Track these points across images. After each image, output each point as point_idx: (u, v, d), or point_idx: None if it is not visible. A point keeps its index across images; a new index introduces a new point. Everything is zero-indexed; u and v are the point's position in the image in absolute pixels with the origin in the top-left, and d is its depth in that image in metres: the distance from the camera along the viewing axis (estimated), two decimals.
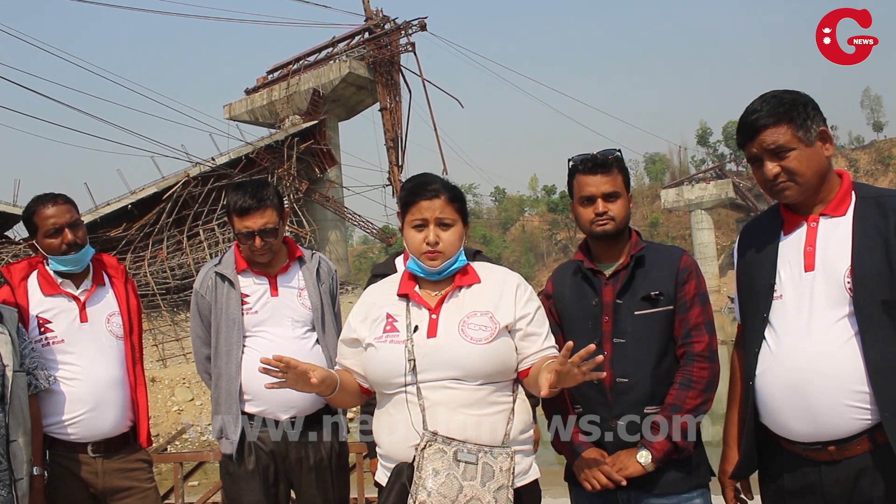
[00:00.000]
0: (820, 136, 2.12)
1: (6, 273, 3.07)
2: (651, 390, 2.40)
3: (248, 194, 2.91)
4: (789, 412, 2.10)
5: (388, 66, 40.40)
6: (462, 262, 2.36)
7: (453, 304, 2.30)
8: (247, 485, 2.94)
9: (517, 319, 2.27)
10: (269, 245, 2.97)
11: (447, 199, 2.30)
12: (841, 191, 2.15)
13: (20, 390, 2.73)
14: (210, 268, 3.09)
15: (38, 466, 2.79)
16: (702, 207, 58.94)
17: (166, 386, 19.22)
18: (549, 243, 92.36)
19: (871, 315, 2.00)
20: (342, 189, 42.06)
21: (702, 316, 2.44)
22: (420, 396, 2.19)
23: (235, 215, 2.94)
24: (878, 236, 2.03)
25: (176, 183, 34.38)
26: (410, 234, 2.33)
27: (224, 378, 2.97)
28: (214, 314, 3.02)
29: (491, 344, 2.20)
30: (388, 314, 2.33)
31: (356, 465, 4.57)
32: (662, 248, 2.59)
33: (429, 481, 2.07)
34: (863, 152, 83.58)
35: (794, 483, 2.15)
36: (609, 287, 2.50)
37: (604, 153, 2.53)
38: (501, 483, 2.08)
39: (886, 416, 1.95)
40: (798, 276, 2.14)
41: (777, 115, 2.11)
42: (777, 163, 2.12)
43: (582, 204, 2.54)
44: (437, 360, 2.20)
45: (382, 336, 2.30)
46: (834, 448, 2.04)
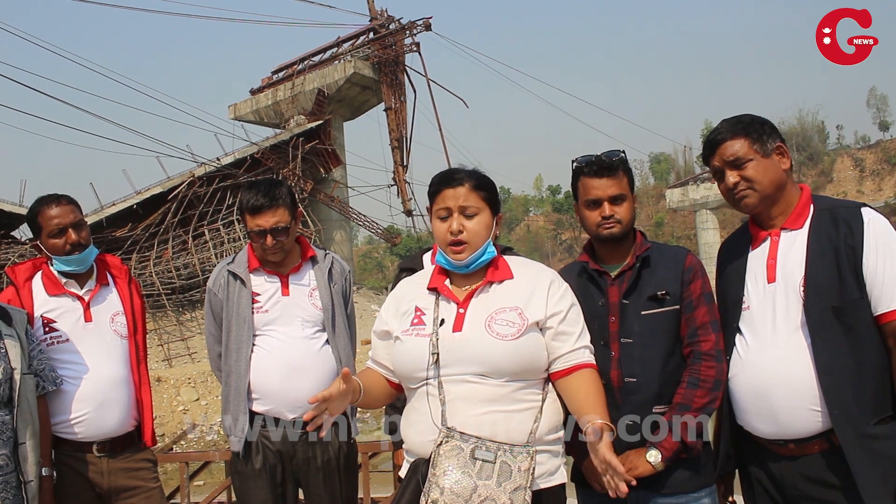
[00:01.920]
0: (776, 150, 2.33)
1: (11, 274, 3.08)
2: (659, 390, 2.40)
3: (261, 193, 2.92)
4: (754, 413, 2.29)
5: (392, 67, 40.36)
6: (491, 255, 2.31)
7: (482, 299, 2.26)
8: (254, 483, 2.95)
9: (548, 317, 2.22)
10: (281, 244, 2.97)
11: (471, 187, 2.27)
12: (799, 204, 2.33)
13: (28, 392, 2.74)
14: (223, 266, 3.11)
15: (46, 467, 2.80)
16: (707, 207, 58.67)
17: (172, 386, 19.26)
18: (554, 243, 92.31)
19: (821, 321, 2.16)
20: (347, 189, 42.05)
21: (708, 315, 2.44)
22: (441, 391, 2.16)
23: (248, 213, 2.95)
24: (829, 246, 2.19)
25: (181, 183, 34.43)
26: (436, 224, 2.31)
27: (234, 376, 2.98)
28: (226, 312, 3.04)
29: (517, 340, 2.16)
30: (417, 307, 2.32)
31: (362, 466, 4.56)
32: (667, 249, 2.59)
33: (442, 479, 2.03)
34: (869, 152, 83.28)
35: (762, 473, 2.34)
36: (615, 287, 2.49)
37: (608, 155, 2.51)
38: (519, 483, 2.02)
39: (835, 413, 2.11)
40: (762, 287, 2.32)
41: (735, 131, 2.34)
42: (736, 172, 2.32)
43: (588, 207, 2.53)
44: (461, 355, 2.17)
45: (409, 329, 2.28)
46: (794, 446, 2.22)
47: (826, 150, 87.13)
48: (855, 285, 2.15)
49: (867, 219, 2.19)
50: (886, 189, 74.73)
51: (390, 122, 40.82)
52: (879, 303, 2.14)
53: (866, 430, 2.09)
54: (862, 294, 2.15)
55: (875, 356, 2.14)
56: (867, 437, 2.09)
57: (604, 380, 2.37)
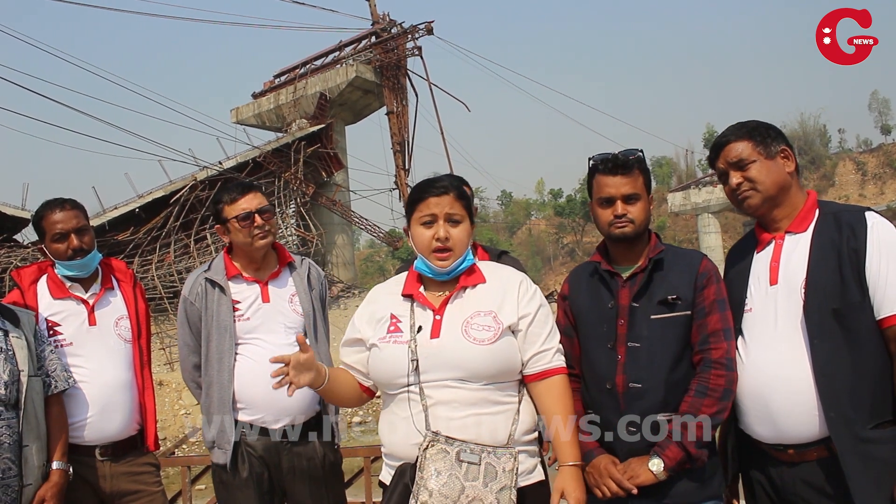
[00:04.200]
0: (781, 153, 2.35)
1: (16, 277, 3.10)
2: (664, 397, 2.33)
3: (236, 186, 3.00)
4: (754, 417, 2.29)
5: (394, 70, 40.41)
6: (469, 262, 2.36)
7: (457, 304, 2.30)
8: (241, 493, 2.90)
9: (519, 319, 2.28)
10: (270, 226, 2.98)
11: (456, 196, 2.31)
12: (805, 208, 2.34)
13: (35, 395, 2.74)
14: (199, 274, 3.06)
15: (61, 461, 2.80)
16: (709, 211, 58.64)
17: (174, 389, 19.24)
18: (556, 247, 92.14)
19: (821, 322, 2.16)
20: (349, 193, 42.10)
21: (720, 322, 2.35)
22: (423, 396, 2.20)
23: (228, 205, 2.95)
24: (832, 248, 2.20)
25: (183, 187, 34.46)
26: (418, 231, 2.32)
27: (216, 386, 2.93)
28: (205, 321, 2.98)
29: (494, 344, 2.21)
30: (393, 315, 2.34)
31: (364, 470, 4.55)
32: (682, 252, 2.52)
33: (430, 481, 2.08)
34: (871, 155, 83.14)
35: (763, 477, 2.34)
36: (626, 290, 2.44)
37: (625, 153, 2.47)
38: (504, 483, 2.09)
39: (831, 416, 2.11)
40: (765, 290, 2.33)
41: (739, 134, 2.38)
42: (740, 173, 2.36)
43: (601, 205, 2.48)
44: (440, 361, 2.20)
45: (386, 337, 2.31)
46: (793, 451, 2.22)
47: (828, 154, 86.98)
48: (857, 288, 2.15)
49: (871, 223, 2.19)
50: (889, 193, 74.58)
51: (392, 125, 40.85)
52: (882, 307, 2.14)
53: (862, 434, 2.09)
54: (863, 297, 2.15)
55: (874, 360, 2.14)
56: (863, 440, 2.08)
57: (608, 384, 2.37)
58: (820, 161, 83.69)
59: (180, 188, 34.52)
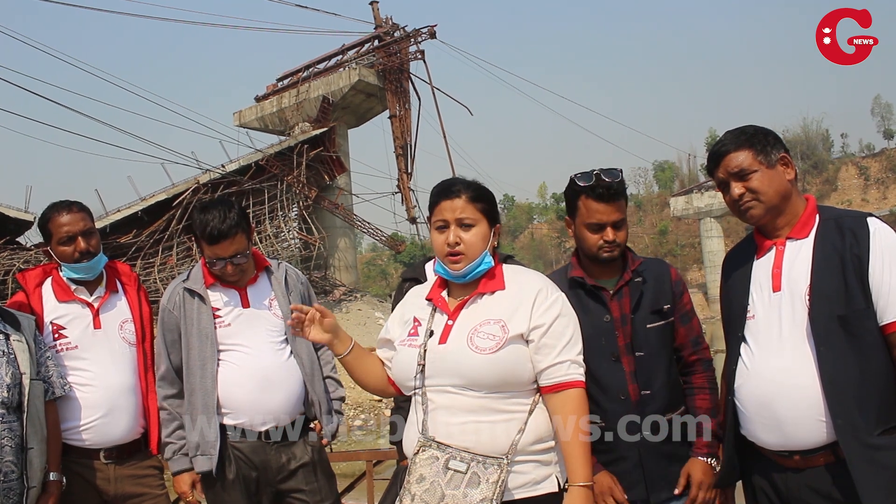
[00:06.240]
0: (781, 160, 2.33)
1: (21, 279, 3.10)
2: (668, 399, 2.49)
3: (217, 219, 2.85)
4: (759, 423, 2.28)
5: (397, 74, 40.42)
6: (488, 265, 2.30)
7: (470, 310, 2.28)
8: (229, 496, 2.91)
9: (531, 329, 2.20)
10: (241, 268, 2.98)
11: (468, 199, 2.27)
12: (805, 214, 2.33)
13: (37, 398, 2.75)
14: (178, 284, 3.06)
15: (55, 472, 2.81)
16: (711, 215, 58.65)
17: None
18: (558, 251, 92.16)
19: (827, 329, 2.15)
20: (351, 196, 42.06)
21: (698, 325, 2.63)
22: (425, 400, 2.22)
23: (205, 242, 2.90)
24: (835, 255, 2.19)
25: (186, 190, 34.47)
26: (434, 235, 2.33)
27: (199, 393, 2.93)
28: (184, 330, 2.98)
29: (496, 354, 2.16)
30: (415, 318, 2.37)
31: (366, 474, 4.56)
32: (650, 261, 2.65)
33: (414, 486, 2.09)
34: (873, 160, 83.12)
35: (766, 484, 2.33)
36: (615, 303, 2.52)
37: (610, 176, 2.48)
38: (486, 495, 2.03)
39: (839, 423, 2.10)
40: (767, 296, 2.32)
41: (739, 143, 2.34)
42: (741, 184, 2.32)
43: (591, 230, 2.52)
44: (443, 367, 2.21)
45: (405, 339, 2.35)
46: (799, 458, 2.21)
47: (830, 159, 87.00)
48: (860, 294, 2.14)
49: (873, 228, 2.19)
50: (891, 197, 74.54)
51: (395, 129, 40.85)
52: (885, 313, 2.14)
53: (870, 441, 2.08)
54: (867, 303, 2.14)
55: (880, 366, 2.14)
56: (871, 447, 2.07)
57: (621, 395, 2.44)
58: (822, 166, 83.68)
59: (183, 191, 34.53)
